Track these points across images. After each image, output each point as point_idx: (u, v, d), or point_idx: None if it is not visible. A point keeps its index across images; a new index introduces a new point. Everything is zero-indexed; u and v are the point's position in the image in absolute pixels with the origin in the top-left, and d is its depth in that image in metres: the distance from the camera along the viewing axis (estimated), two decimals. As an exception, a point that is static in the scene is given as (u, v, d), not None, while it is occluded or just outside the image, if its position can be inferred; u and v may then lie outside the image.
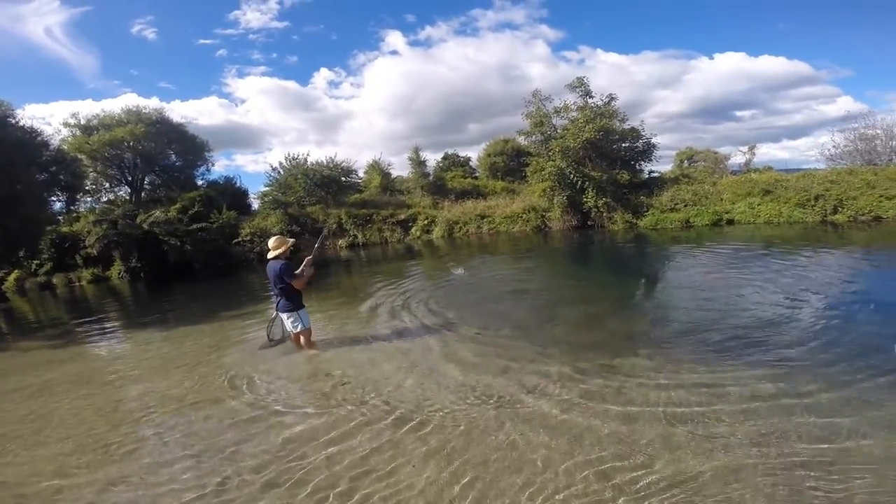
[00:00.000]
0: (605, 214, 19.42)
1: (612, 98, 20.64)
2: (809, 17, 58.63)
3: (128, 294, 16.15)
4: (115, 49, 65.07)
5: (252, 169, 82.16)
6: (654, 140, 21.00)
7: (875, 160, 19.82)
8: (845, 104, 60.46)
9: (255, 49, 69.01)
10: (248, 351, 6.51)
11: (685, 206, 18.24)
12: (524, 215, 21.39)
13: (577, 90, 20.84)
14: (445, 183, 27.00)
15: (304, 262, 5.99)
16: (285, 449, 3.63)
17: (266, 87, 67.88)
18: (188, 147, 27.92)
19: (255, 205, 26.98)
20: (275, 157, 75.64)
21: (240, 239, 21.25)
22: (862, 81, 60.00)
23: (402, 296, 9.32)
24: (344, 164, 25.26)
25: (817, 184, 16.33)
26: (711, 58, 65.39)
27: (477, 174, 32.50)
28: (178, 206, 21.10)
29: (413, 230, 23.07)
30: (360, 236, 22.89)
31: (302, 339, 6.16)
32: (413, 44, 71.34)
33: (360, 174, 27.64)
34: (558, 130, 20.99)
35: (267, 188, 25.06)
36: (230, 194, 26.21)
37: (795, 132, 64.86)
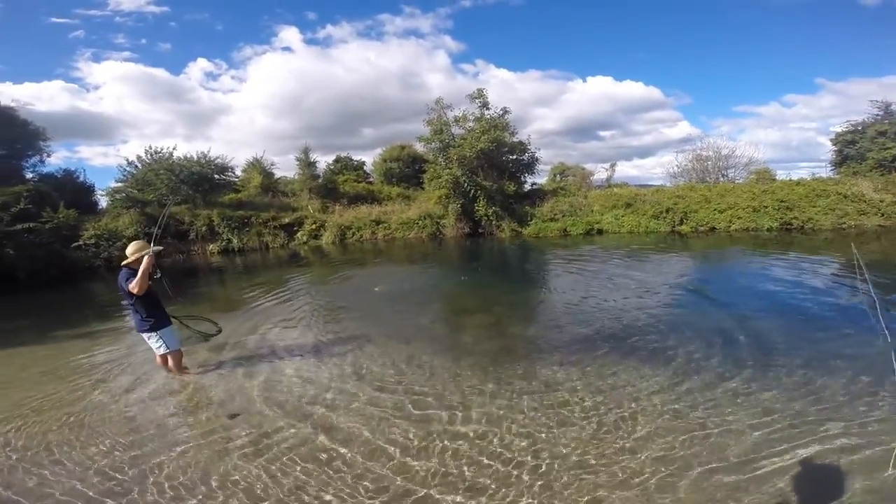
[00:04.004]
0: (494, 223, 20.17)
1: (505, 111, 21.57)
2: (662, 46, 68.56)
3: None
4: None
5: (100, 162, 69.26)
6: (537, 154, 22.53)
7: (706, 178, 23.87)
8: (685, 128, 71.81)
9: (120, 33, 58.55)
10: (90, 384, 5.09)
11: (563, 216, 19.80)
12: (420, 222, 21.23)
13: (477, 101, 21.43)
14: (338, 186, 25.70)
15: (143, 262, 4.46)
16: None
17: (128, 74, 57.88)
18: (16, 134, 22.37)
19: (104, 203, 22.68)
20: (131, 150, 64.77)
21: (81, 242, 17.52)
22: (697, 107, 71.71)
23: (290, 307, 8.40)
24: (218, 160, 22.56)
25: (667, 198, 19.01)
26: (585, 80, 72.77)
27: (372, 179, 31.67)
28: (-5, 202, 16.63)
29: (299, 235, 21.40)
30: (235, 241, 20.48)
31: (170, 361, 5.01)
32: (310, 42, 67.32)
33: (238, 173, 25.00)
34: (456, 139, 21.37)
35: (119, 184, 21.24)
36: (70, 190, 21.57)
37: (644, 152, 75.31)
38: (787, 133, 61.99)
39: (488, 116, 21.21)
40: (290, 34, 67.33)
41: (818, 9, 55.26)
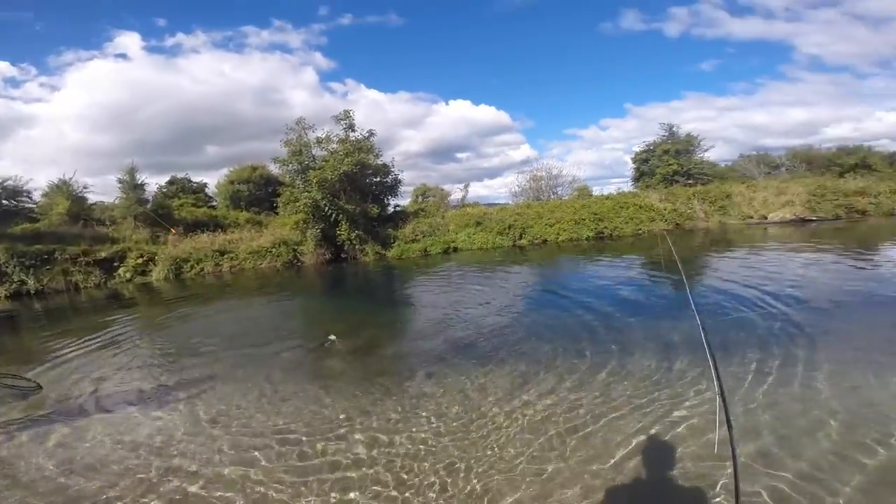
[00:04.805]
0: (357, 247, 20.02)
1: (371, 133, 21.67)
2: (512, 76, 76.66)
3: None
4: None
5: None
6: (400, 176, 23.03)
7: (541, 196, 27.43)
8: (526, 151, 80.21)
9: None
10: None
11: (423, 236, 20.72)
12: (274, 249, 19.92)
13: (342, 122, 21.12)
14: (172, 212, 22.62)
15: None
16: None
17: None
18: None
19: None
20: None
21: None
22: (537, 131, 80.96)
23: (113, 354, 7.19)
24: (8, 182, 18.05)
25: (510, 216, 21.43)
26: (448, 103, 76.92)
27: (215, 203, 28.71)
28: None
29: (121, 271, 18.09)
30: (31, 282, 16.42)
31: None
32: (153, 49, 58.12)
33: (37, 197, 20.34)
34: (317, 161, 20.71)
35: None
36: None
37: (493, 173, 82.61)
38: (602, 153, 74.33)
39: (353, 138, 21.10)
40: (128, 40, 58.17)
41: (629, 38, 66.35)
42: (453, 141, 74.83)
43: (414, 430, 4.04)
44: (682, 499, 2.99)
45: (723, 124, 60.43)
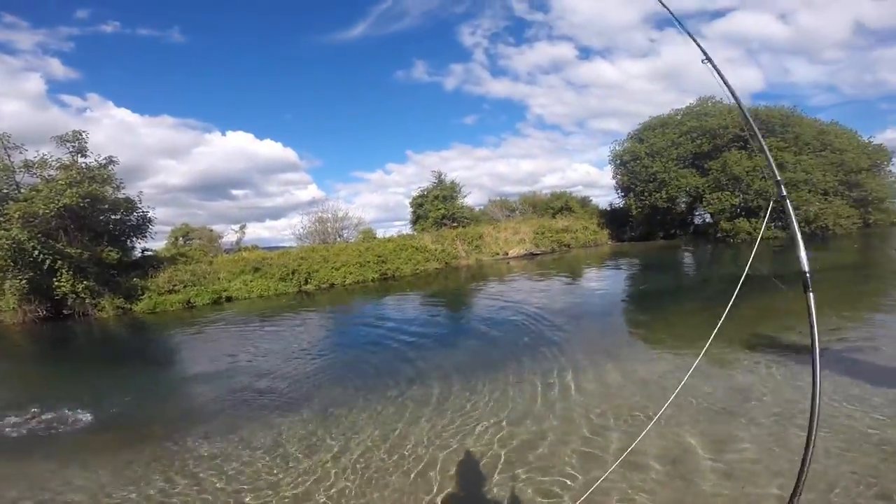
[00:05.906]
0: (87, 300, 15.87)
1: (111, 161, 17.96)
2: (305, 113, 74.29)
3: None
4: None
5: None
6: (150, 214, 19.63)
7: (327, 239, 27.29)
8: (313, 191, 77.52)
9: None
10: None
11: (184, 286, 17.80)
12: (-58, 309, 14.14)
13: (69, 145, 16.88)
14: None
15: None
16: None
17: None
18: None
19: None
20: None
21: None
22: (325, 171, 79.25)
23: None
24: None
25: (293, 260, 20.57)
26: (224, 134, 68.52)
27: None
28: None
29: None
30: None
31: None
32: None
33: None
34: (22, 190, 16.01)
35: None
36: None
37: (276, 213, 76.77)
38: (387, 196, 77.90)
39: (83, 165, 17.14)
40: None
41: (417, 87, 73.39)
42: (228, 176, 67.29)
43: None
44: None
45: (478, 173, 71.95)
